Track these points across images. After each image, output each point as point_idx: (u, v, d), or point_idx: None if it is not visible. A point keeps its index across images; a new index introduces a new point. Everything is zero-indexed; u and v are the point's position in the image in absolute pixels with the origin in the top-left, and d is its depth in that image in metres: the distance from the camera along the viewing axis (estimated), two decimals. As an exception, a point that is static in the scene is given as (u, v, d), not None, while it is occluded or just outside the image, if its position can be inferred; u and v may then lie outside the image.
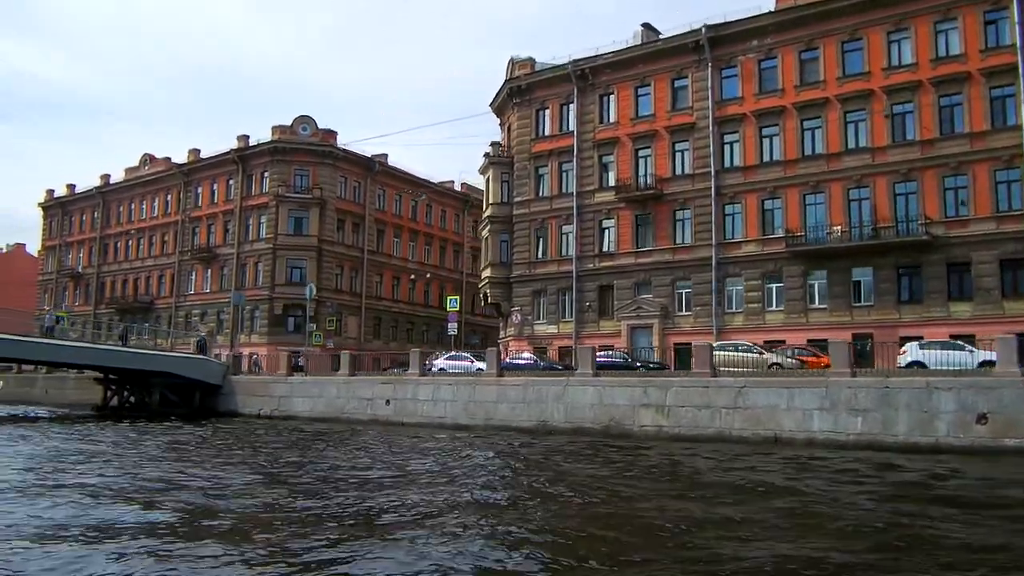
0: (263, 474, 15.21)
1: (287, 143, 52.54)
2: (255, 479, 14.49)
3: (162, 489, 13.22)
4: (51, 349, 29.74)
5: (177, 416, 31.06)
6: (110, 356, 30.63)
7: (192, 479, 14.40)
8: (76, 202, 66.83)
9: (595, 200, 39.35)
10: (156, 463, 16.87)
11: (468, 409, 25.33)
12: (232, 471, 15.53)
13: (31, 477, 14.60)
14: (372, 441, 22.05)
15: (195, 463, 16.87)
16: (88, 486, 13.27)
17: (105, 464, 16.67)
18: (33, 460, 17.35)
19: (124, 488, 13.35)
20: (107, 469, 15.86)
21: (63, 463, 16.67)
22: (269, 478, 14.67)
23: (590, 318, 38.83)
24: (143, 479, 14.41)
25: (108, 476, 14.80)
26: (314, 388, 29.58)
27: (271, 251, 52.04)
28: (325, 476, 14.94)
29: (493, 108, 45.58)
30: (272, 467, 16.38)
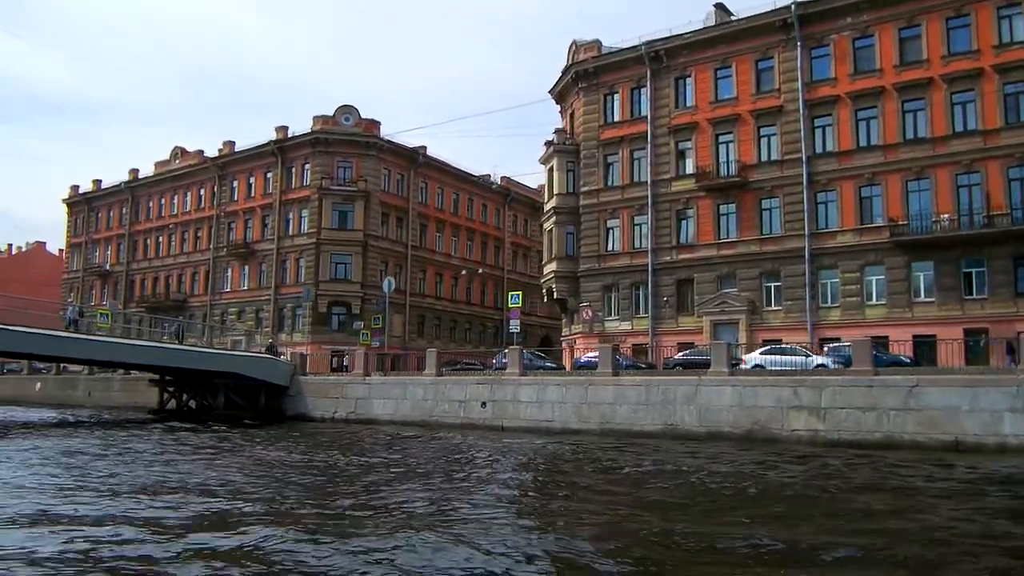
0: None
1: (329, 134, 50.34)
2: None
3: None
4: (107, 348, 27.42)
5: (245, 420, 28.87)
6: (174, 356, 28.39)
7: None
8: (102, 198, 64.62)
9: (672, 189, 37.17)
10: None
11: (580, 412, 23.15)
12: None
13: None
14: (489, 447, 19.79)
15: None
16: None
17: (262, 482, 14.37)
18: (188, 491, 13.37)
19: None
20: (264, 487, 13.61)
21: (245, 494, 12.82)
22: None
23: (668, 314, 36.66)
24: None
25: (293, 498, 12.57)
26: (396, 389, 27.36)
27: (314, 246, 49.81)
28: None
29: (553, 94, 43.41)
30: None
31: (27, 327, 25.47)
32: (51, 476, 14.51)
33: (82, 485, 13.40)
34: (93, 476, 14.57)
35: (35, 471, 15.12)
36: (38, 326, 26.46)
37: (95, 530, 9.47)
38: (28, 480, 13.92)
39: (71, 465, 16.23)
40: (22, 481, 13.74)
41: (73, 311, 34.10)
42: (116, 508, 11.07)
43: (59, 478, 14.32)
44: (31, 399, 43.04)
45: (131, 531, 9.44)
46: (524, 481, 14.65)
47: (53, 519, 10.25)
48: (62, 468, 15.72)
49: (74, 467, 15.89)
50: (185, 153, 59.32)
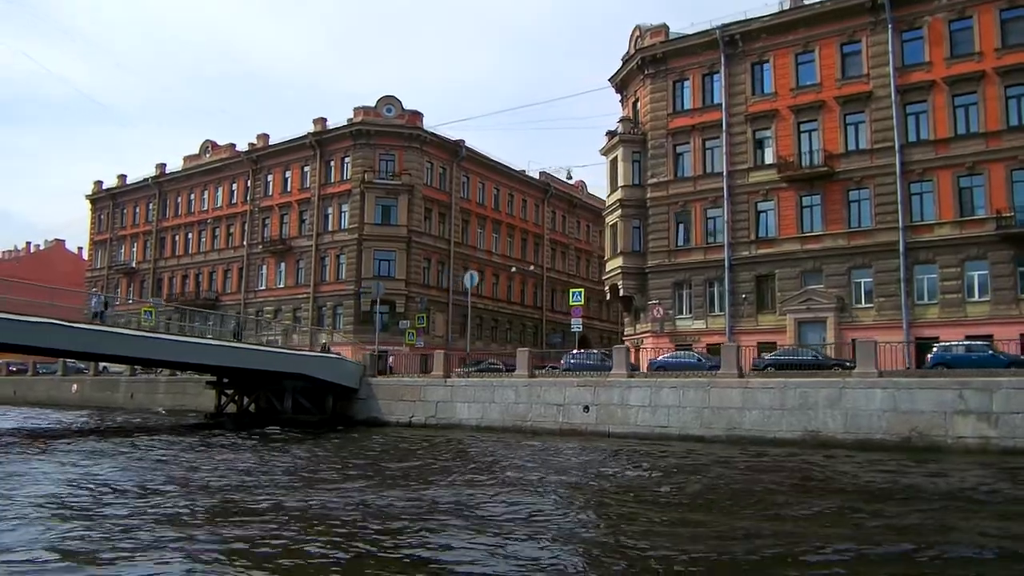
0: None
1: (371, 125, 48.36)
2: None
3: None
4: (163, 346, 25.06)
5: (313, 425, 26.92)
6: (239, 356, 26.33)
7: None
8: (128, 193, 62.61)
9: (750, 180, 35.24)
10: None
11: (702, 417, 21.20)
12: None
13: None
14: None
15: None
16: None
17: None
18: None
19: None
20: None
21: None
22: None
23: (746, 311, 34.71)
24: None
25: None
26: (483, 392, 25.39)
27: (355, 242, 47.85)
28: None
29: (614, 83, 41.45)
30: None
31: (56, 319, 23.00)
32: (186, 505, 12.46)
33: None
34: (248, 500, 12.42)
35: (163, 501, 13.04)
36: (70, 319, 24.03)
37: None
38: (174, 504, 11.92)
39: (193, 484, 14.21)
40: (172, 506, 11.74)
41: (98, 302, 30.30)
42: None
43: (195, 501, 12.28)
44: (67, 402, 41.05)
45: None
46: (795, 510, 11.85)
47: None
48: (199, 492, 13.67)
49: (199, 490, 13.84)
50: (216, 147, 57.31)
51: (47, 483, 13.81)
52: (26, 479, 14.18)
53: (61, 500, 12.07)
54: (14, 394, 44.96)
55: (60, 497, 12.32)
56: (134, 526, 10.01)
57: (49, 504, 11.61)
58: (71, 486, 13.52)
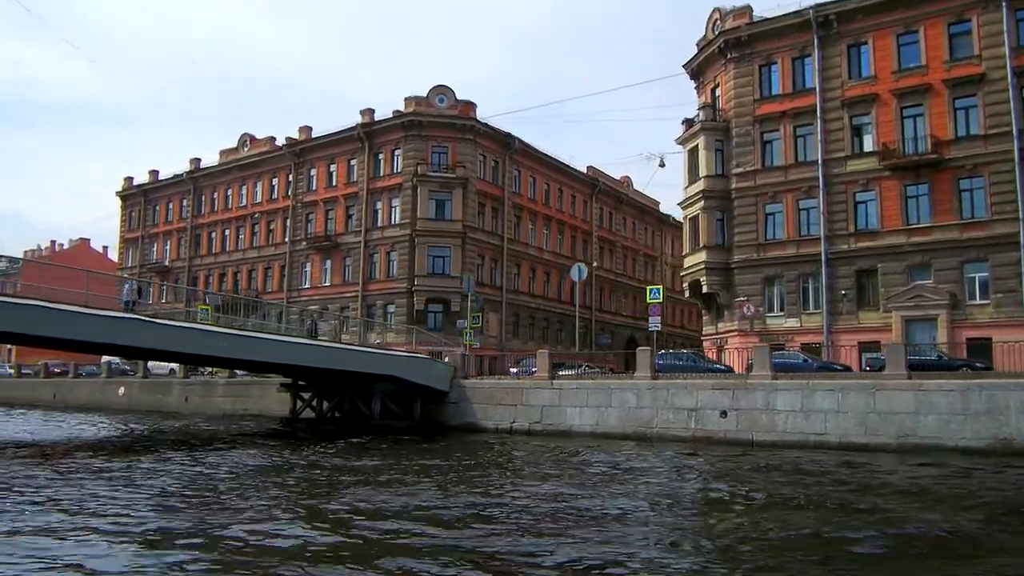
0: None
1: (423, 116, 46.25)
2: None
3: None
4: (236, 343, 22.43)
5: (402, 432, 24.79)
6: (326, 355, 23.98)
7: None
8: (160, 189, 60.53)
9: (847, 169, 33.12)
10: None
11: (866, 423, 19.05)
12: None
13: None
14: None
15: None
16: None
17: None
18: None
19: None
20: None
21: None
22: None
23: (846, 308, 32.57)
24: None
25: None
26: (597, 395, 23.21)
27: (408, 238, 45.75)
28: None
29: (689, 69, 39.33)
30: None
31: (103, 310, 20.41)
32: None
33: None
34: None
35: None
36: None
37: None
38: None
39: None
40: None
41: (130, 290, 26.55)
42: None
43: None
44: (113, 406, 38.86)
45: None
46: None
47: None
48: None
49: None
50: (254, 140, 55.21)
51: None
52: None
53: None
54: (53, 397, 42.80)
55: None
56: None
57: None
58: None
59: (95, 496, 12.44)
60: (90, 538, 9.44)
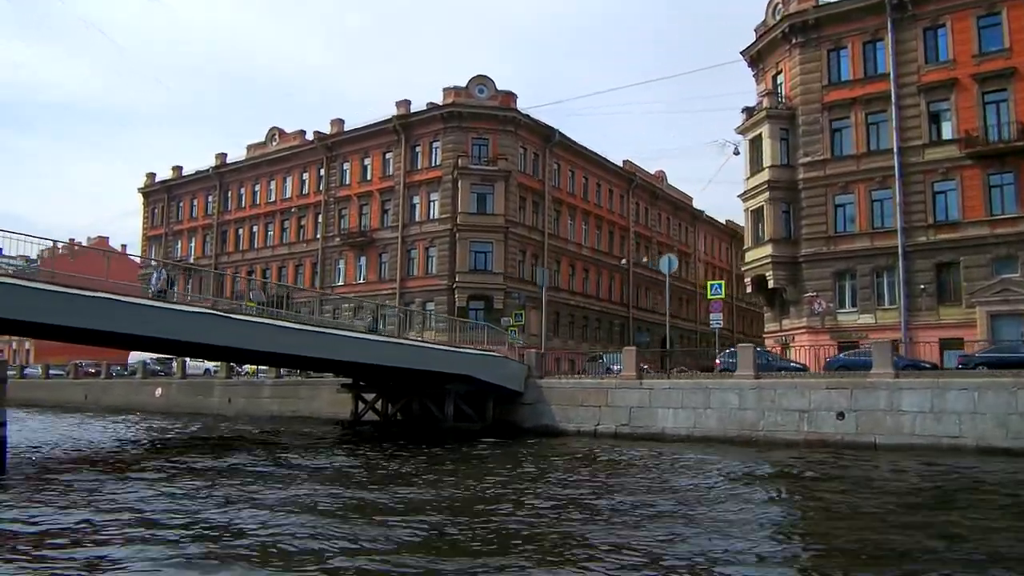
0: None
1: (464, 107, 44.72)
2: None
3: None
4: (320, 341, 20.82)
5: (475, 435, 23.28)
6: (400, 353, 22.20)
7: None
8: (185, 185, 59.03)
9: (925, 157, 31.57)
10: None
11: (1008, 425, 17.53)
12: None
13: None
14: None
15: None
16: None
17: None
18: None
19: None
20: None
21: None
22: None
23: (925, 304, 31.01)
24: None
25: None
26: (693, 396, 21.69)
27: (448, 233, 44.24)
28: None
29: (747, 56, 37.80)
30: None
31: (134, 298, 18.74)
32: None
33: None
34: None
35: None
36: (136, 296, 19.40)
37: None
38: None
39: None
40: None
41: (159, 278, 24.05)
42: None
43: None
44: (149, 407, 37.33)
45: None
46: None
47: None
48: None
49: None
50: (283, 134, 53.67)
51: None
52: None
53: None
54: (85, 399, 41.25)
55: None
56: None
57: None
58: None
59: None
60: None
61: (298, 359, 24.16)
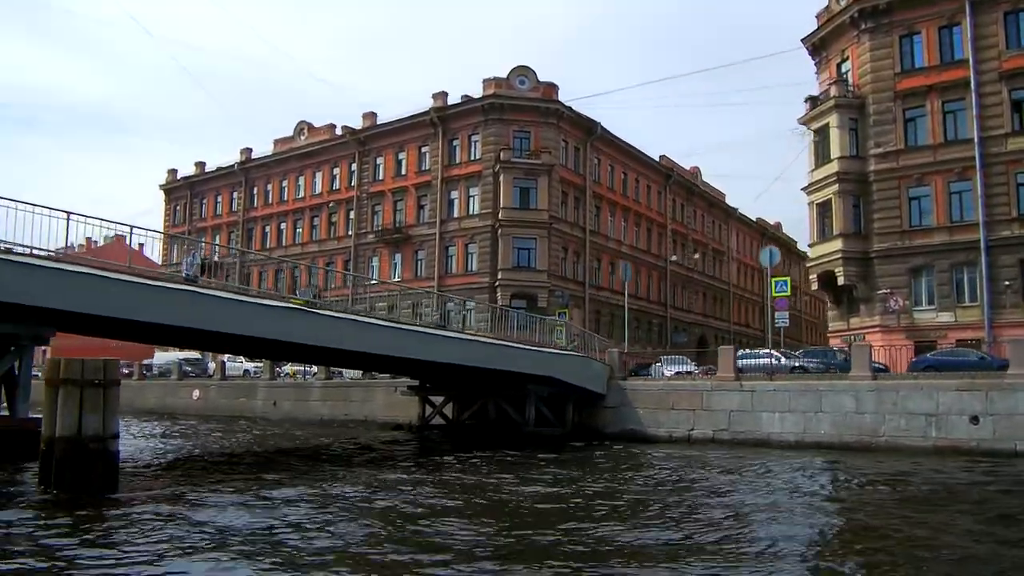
0: None
1: (504, 99, 43.21)
2: None
3: None
4: (393, 338, 18.64)
5: (556, 440, 21.77)
6: (480, 351, 20.56)
7: None
8: (208, 181, 57.50)
9: (1008, 147, 30.12)
10: None
11: None
12: None
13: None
14: None
15: None
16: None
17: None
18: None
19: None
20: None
21: None
22: None
23: (1010, 301, 29.54)
24: None
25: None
26: (803, 398, 20.18)
27: (489, 229, 42.75)
28: None
29: (808, 44, 36.32)
30: None
31: (215, 290, 16.87)
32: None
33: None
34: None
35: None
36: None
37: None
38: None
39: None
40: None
41: (191, 265, 23.15)
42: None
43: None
44: (188, 410, 35.75)
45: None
46: None
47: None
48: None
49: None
50: (312, 129, 52.11)
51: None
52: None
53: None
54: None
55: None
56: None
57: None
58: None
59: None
60: None
61: (373, 359, 22.34)
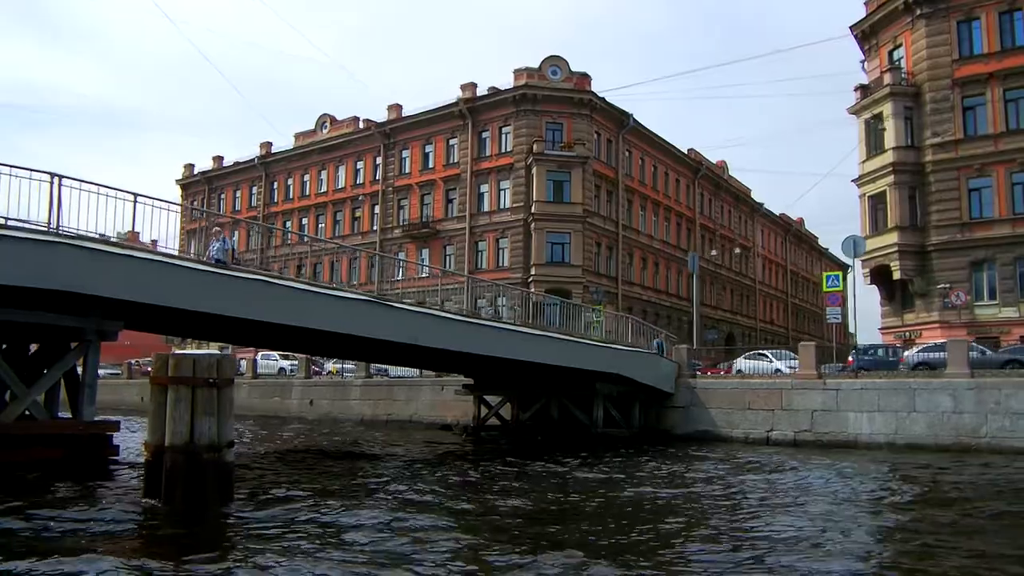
0: None
1: (537, 89, 42.08)
2: None
3: None
4: (458, 331, 17.33)
5: (624, 442, 20.68)
6: (562, 351, 19.34)
7: None
8: (227, 176, 56.35)
9: (1073, 136, 29.02)
10: None
11: None
12: None
13: None
14: None
15: None
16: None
17: None
18: None
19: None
20: None
21: None
22: None
23: (1078, 296, 28.46)
24: None
25: None
26: (894, 397, 19.08)
27: (521, 223, 41.64)
28: None
29: (857, 30, 35.17)
30: None
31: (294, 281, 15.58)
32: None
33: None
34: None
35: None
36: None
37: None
38: None
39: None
40: None
41: (219, 249, 20.79)
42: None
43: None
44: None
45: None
46: None
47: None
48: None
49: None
50: (336, 122, 50.96)
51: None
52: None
53: None
54: (142, 400, 38.43)
55: None
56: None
57: None
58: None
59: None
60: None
61: (435, 356, 21.03)
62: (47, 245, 12.02)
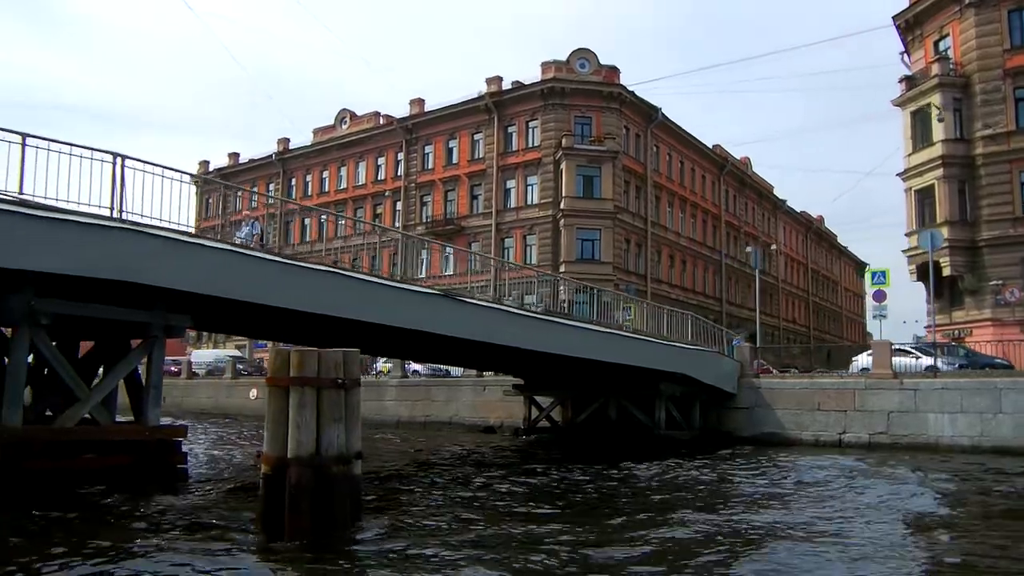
0: None
1: (565, 83, 41.20)
2: None
3: None
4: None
5: (686, 445, 19.80)
6: (630, 349, 18.47)
7: None
8: (243, 173, 55.49)
9: None
10: None
11: None
12: None
13: None
14: None
15: None
16: None
17: None
18: None
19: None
20: None
21: None
22: None
23: None
24: None
25: None
26: (979, 398, 18.16)
27: (550, 219, 40.78)
28: None
29: (901, 20, 34.27)
30: None
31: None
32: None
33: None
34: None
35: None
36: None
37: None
38: None
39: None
40: None
41: (249, 234, 20.61)
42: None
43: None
44: (244, 411, 33.65)
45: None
46: None
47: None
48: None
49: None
50: (355, 117, 50.06)
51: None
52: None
53: None
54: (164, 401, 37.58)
55: None
56: None
57: None
58: None
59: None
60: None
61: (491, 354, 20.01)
62: (115, 232, 11.05)
